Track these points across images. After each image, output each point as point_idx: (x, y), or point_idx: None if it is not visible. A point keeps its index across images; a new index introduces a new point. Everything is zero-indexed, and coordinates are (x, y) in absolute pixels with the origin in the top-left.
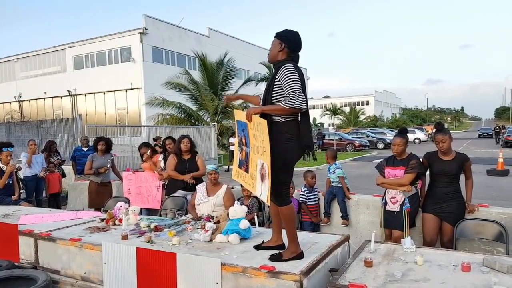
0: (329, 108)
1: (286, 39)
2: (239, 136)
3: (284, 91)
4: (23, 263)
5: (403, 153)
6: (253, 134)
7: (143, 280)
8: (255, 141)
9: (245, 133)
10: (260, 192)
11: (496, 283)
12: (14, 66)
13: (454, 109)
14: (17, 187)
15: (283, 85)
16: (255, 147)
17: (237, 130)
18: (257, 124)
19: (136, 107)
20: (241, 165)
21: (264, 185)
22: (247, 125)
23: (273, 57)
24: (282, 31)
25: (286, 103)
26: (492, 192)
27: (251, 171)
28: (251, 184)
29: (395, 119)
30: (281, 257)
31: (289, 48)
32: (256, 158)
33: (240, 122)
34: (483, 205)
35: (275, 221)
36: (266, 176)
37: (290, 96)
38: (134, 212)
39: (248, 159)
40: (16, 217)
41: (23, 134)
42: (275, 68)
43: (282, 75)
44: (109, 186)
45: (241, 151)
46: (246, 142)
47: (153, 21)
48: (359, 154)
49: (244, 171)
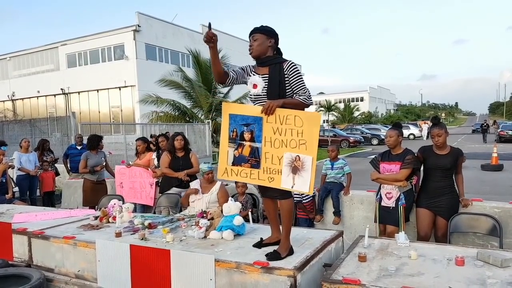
0: (324, 105)
1: (273, 34)
2: (233, 132)
3: (295, 87)
4: (17, 262)
5: (398, 147)
6: (276, 128)
7: (137, 277)
8: (278, 135)
9: (254, 127)
10: (290, 184)
11: (490, 277)
12: (7, 64)
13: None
14: (10, 185)
15: (293, 82)
16: (278, 141)
17: (229, 125)
18: (288, 117)
19: (130, 105)
20: (240, 162)
21: (301, 177)
22: (261, 119)
23: (262, 52)
24: (264, 27)
25: (305, 98)
26: (485, 187)
27: (267, 165)
28: (266, 178)
29: (390, 115)
30: (280, 255)
31: (276, 43)
32: (279, 151)
33: (242, 116)
34: (477, 199)
35: (273, 217)
36: (305, 168)
37: (306, 92)
38: (128, 210)
39: (258, 154)
40: (9, 215)
41: (16, 133)
42: (267, 63)
43: (292, 72)
44: (103, 184)
45: (239, 147)
46: (253, 137)
47: (146, 18)
48: (354, 150)
49: (248, 167)
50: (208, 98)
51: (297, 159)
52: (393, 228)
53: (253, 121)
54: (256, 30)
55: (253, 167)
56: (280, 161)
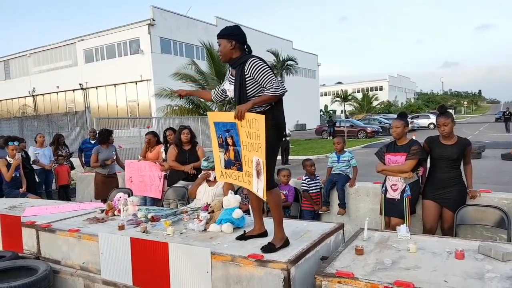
0: (340, 95)
1: (232, 35)
2: (220, 138)
3: (261, 82)
4: (26, 254)
5: (404, 138)
6: (247, 132)
7: (138, 269)
8: (248, 138)
9: (232, 132)
10: (256, 188)
11: (489, 271)
12: (27, 61)
13: (471, 93)
14: (24, 180)
15: (257, 77)
16: (249, 144)
17: (215, 132)
18: (253, 121)
19: (146, 99)
20: (229, 165)
21: (260, 181)
22: (236, 124)
23: (227, 56)
24: (223, 30)
25: (273, 91)
26: (505, 177)
27: (246, 168)
28: (247, 181)
29: (410, 104)
30: (274, 246)
31: (238, 42)
32: (250, 155)
33: (222, 123)
34: (485, 191)
35: (256, 209)
36: (261, 172)
37: (273, 84)
38: (132, 203)
39: (240, 157)
40: (21, 209)
41: (35, 128)
42: (235, 65)
43: (253, 69)
44: (115, 178)
45: (226, 151)
46: (234, 141)
47: (161, 11)
48: (371, 141)
49: (236, 170)
50: None
51: (258, 163)
52: (398, 220)
53: (231, 127)
54: (218, 35)
55: (239, 170)
56: (251, 165)
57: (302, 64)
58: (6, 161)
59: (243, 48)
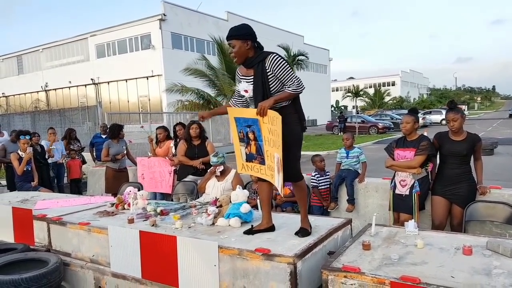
0: (351, 90)
1: (246, 35)
2: (241, 132)
3: (282, 79)
4: (38, 246)
5: (413, 134)
6: (269, 128)
7: (147, 262)
8: (270, 135)
9: (254, 128)
10: (278, 183)
11: (496, 267)
12: (39, 56)
13: (485, 88)
14: (36, 174)
15: (278, 74)
16: (271, 141)
17: (236, 127)
18: (274, 119)
19: (157, 94)
20: (251, 159)
21: (280, 177)
22: (258, 120)
23: (243, 57)
24: (234, 31)
25: (294, 88)
26: None
27: (269, 163)
28: (269, 175)
29: (422, 99)
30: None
31: (253, 41)
32: (272, 151)
33: (243, 118)
34: (495, 187)
35: (266, 203)
36: (280, 169)
37: (294, 82)
38: (142, 197)
39: (262, 152)
40: (33, 202)
41: (48, 123)
42: (252, 64)
43: (275, 66)
44: (125, 172)
45: (248, 145)
46: (256, 136)
47: (172, 6)
48: (382, 136)
49: (258, 163)
50: (232, 86)
51: (279, 160)
52: (407, 216)
53: (252, 122)
54: (230, 36)
55: (261, 163)
56: (273, 160)
57: (313, 59)
58: (18, 155)
59: (255, 46)
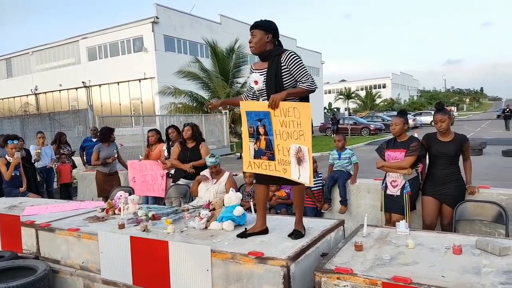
0: (343, 92)
1: (271, 29)
2: (251, 127)
3: (296, 75)
4: (25, 254)
5: (403, 135)
6: (282, 121)
7: (138, 268)
8: (284, 127)
9: (265, 121)
10: (297, 175)
11: (486, 266)
12: (29, 59)
13: (473, 90)
14: (24, 179)
15: (293, 71)
16: (285, 133)
17: (247, 122)
18: (289, 110)
19: (150, 97)
20: (259, 155)
21: (303, 168)
22: (269, 113)
23: (261, 48)
24: (260, 22)
25: (309, 85)
26: (506, 173)
27: (280, 157)
28: (281, 170)
29: (413, 101)
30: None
31: (274, 37)
32: (286, 143)
33: (255, 112)
34: (484, 186)
35: (262, 206)
36: (305, 159)
37: (308, 79)
38: (133, 201)
39: (272, 146)
40: (21, 208)
41: (36, 127)
42: (268, 57)
43: (291, 62)
44: (116, 176)
45: (257, 141)
46: (266, 130)
47: (164, 9)
48: (374, 138)
49: (266, 159)
50: (226, 89)
51: (299, 150)
52: (398, 216)
53: (263, 116)
54: (255, 26)
55: (270, 159)
56: (289, 153)
57: (306, 62)
58: (6, 160)
59: (275, 43)
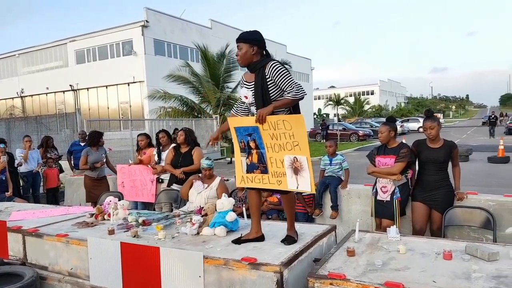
0: (333, 99)
1: (255, 40)
2: (241, 142)
3: (282, 86)
4: (12, 260)
5: (393, 141)
6: (272, 134)
7: (128, 275)
8: (276, 140)
9: (255, 136)
10: (295, 185)
11: (475, 271)
12: (15, 61)
13: (459, 97)
14: (10, 183)
15: (277, 81)
16: (277, 145)
17: (236, 137)
18: (278, 123)
19: (139, 101)
20: (252, 169)
21: (302, 177)
22: (258, 127)
23: (248, 61)
24: (245, 35)
25: (294, 94)
26: (491, 179)
27: (273, 170)
28: (275, 182)
29: (400, 108)
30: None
31: (260, 48)
32: (280, 155)
33: (243, 127)
34: (472, 193)
35: (255, 212)
36: (304, 168)
37: (293, 88)
38: (123, 207)
39: (264, 159)
40: (7, 213)
41: (23, 130)
42: (254, 69)
43: (275, 73)
44: (104, 181)
45: (249, 155)
46: (256, 144)
47: (155, 13)
48: (363, 144)
49: (259, 173)
50: (216, 93)
51: (296, 160)
52: (388, 222)
53: (252, 130)
54: (239, 39)
55: (263, 172)
56: (282, 164)
57: (296, 68)
58: None
59: (262, 53)
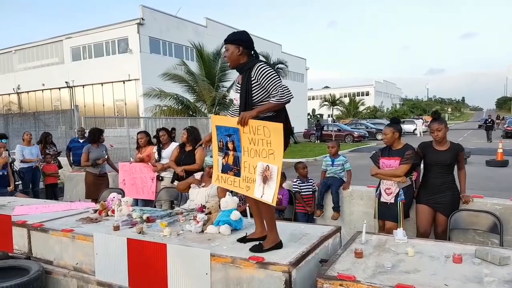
0: (328, 99)
1: (240, 41)
2: (220, 141)
3: (268, 88)
4: (17, 254)
5: (397, 143)
6: (251, 138)
7: (134, 271)
8: (252, 145)
9: (234, 137)
10: (260, 193)
11: (487, 275)
12: (12, 57)
13: (455, 99)
14: (12, 178)
15: (263, 83)
16: (253, 150)
17: (216, 136)
18: (258, 128)
19: (134, 99)
20: (226, 170)
21: (268, 187)
22: (238, 129)
23: (235, 62)
24: (231, 36)
25: (278, 98)
26: (490, 183)
27: (245, 174)
28: (244, 187)
29: (395, 109)
30: (262, 247)
31: (246, 48)
32: (254, 161)
33: (224, 127)
34: (478, 196)
35: (256, 213)
36: (272, 178)
37: (278, 92)
38: (126, 203)
39: (238, 163)
40: (11, 208)
41: (21, 126)
42: (242, 71)
43: (261, 75)
44: (105, 177)
45: (225, 155)
46: (234, 146)
47: (150, 11)
48: (358, 145)
49: (232, 175)
50: (211, 92)
51: (267, 169)
52: (392, 224)
53: (233, 131)
54: (226, 40)
55: (236, 175)
56: (254, 170)
57: (291, 68)
58: None
59: (250, 54)
